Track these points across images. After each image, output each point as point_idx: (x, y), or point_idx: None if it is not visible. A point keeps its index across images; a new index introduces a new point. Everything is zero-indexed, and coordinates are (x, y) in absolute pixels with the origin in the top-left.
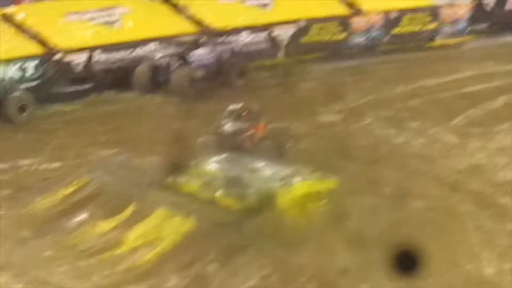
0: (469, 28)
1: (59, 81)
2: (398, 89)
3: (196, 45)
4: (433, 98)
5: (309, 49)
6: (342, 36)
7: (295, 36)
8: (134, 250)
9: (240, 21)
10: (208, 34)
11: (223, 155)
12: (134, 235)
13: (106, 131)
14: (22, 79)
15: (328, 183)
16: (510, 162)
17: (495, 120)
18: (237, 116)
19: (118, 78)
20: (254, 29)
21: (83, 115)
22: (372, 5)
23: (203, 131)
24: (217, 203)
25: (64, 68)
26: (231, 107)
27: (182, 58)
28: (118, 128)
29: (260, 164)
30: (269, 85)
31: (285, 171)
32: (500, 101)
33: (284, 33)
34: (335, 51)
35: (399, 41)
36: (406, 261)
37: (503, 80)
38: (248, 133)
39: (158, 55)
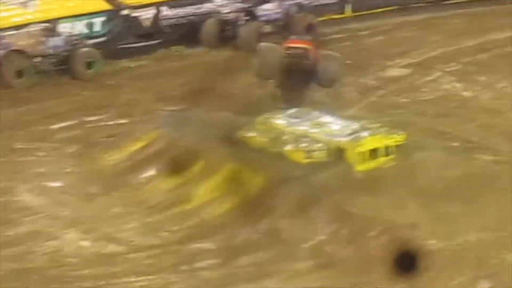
0: None
1: (126, 36)
2: (466, 43)
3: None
4: (502, 52)
5: (376, 3)
6: None
7: None
8: (203, 205)
9: None
10: None
11: (292, 110)
12: (203, 191)
13: (175, 87)
14: (89, 35)
15: (397, 138)
16: None
17: None
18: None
19: (186, 33)
20: None
21: (150, 70)
22: None
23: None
24: (286, 158)
25: (131, 24)
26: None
27: (250, 12)
28: (187, 84)
29: (328, 118)
30: (338, 40)
31: (353, 125)
32: None
33: None
34: (403, 5)
35: None
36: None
37: None
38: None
39: (226, 10)
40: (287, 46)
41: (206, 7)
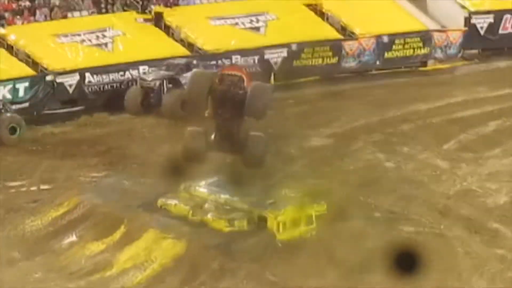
0: (461, 53)
1: (50, 102)
2: (390, 114)
3: (187, 67)
4: (424, 123)
5: (301, 72)
6: (334, 60)
7: (287, 60)
8: (124, 272)
9: (232, 44)
10: (200, 57)
11: (213, 179)
12: (124, 257)
13: (97, 153)
14: (13, 100)
15: (318, 207)
16: (501, 187)
17: (486, 145)
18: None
19: (109, 100)
20: (246, 52)
21: (74, 136)
22: (365, 30)
23: None
24: (207, 226)
25: (55, 90)
26: None
27: (174, 80)
28: (109, 151)
29: (250, 187)
30: None
31: (275, 194)
32: (491, 126)
33: (276, 57)
34: (327, 74)
35: (391, 65)
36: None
37: (495, 106)
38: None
39: (150, 77)
40: (222, 73)
41: (130, 74)
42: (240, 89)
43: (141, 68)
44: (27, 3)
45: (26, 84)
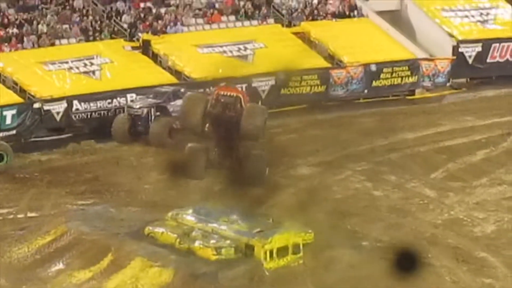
0: (449, 82)
1: (38, 130)
2: (377, 142)
3: (175, 95)
4: (412, 151)
5: (289, 100)
6: (321, 88)
7: (275, 88)
8: None
9: (219, 72)
10: (188, 85)
11: (201, 207)
12: (111, 285)
13: (84, 181)
14: (0, 128)
15: (306, 236)
16: (488, 217)
17: (474, 174)
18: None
19: (97, 127)
20: (233, 80)
21: (61, 164)
22: (352, 58)
23: None
24: (195, 254)
25: (43, 117)
26: None
27: (161, 108)
28: (96, 178)
29: (237, 216)
30: None
31: (263, 223)
32: (479, 155)
33: (263, 85)
34: (314, 103)
35: (378, 94)
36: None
37: (482, 135)
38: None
39: (137, 105)
40: (217, 92)
41: (117, 101)
42: (235, 111)
43: (128, 95)
44: (15, 30)
45: (14, 111)
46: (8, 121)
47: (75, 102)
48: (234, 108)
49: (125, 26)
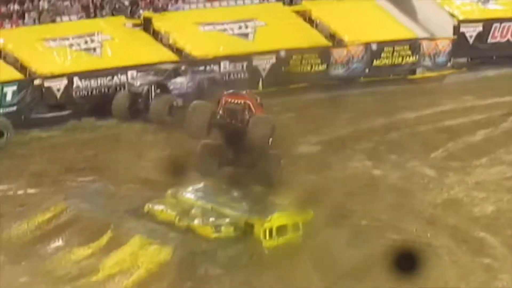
0: (450, 62)
1: (38, 106)
2: (378, 122)
3: (176, 73)
4: (412, 131)
5: (289, 79)
6: (322, 67)
7: (275, 67)
8: (110, 277)
9: (220, 50)
10: (188, 63)
11: (201, 185)
12: (110, 263)
13: (84, 158)
14: (1, 104)
15: (305, 215)
16: (488, 197)
17: (474, 154)
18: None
19: (97, 105)
20: (234, 58)
21: (61, 141)
22: (353, 37)
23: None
24: (194, 232)
25: (43, 94)
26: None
27: (162, 86)
28: (96, 155)
29: (237, 194)
30: None
31: (262, 202)
32: (479, 135)
33: (264, 63)
34: (315, 82)
35: (379, 73)
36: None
37: (483, 115)
38: (249, 101)
39: (138, 82)
40: (225, 100)
41: (118, 79)
42: (241, 121)
43: (129, 73)
44: (16, 7)
45: (14, 88)
46: (9, 97)
47: (76, 79)
48: (241, 119)
49: (126, 3)
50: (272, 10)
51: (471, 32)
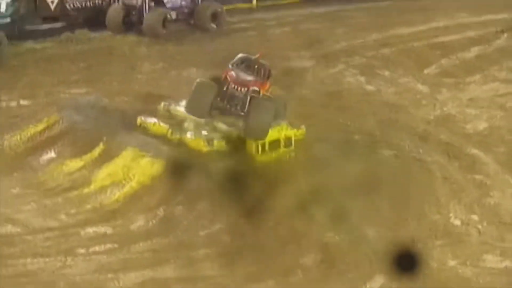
0: None
1: (32, 19)
2: (371, 37)
3: None
4: (406, 47)
5: None
6: None
7: None
8: (102, 189)
9: None
10: None
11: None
12: (102, 175)
13: (78, 70)
14: None
15: (297, 130)
16: (481, 113)
17: (467, 71)
18: (247, 66)
19: (91, 17)
20: None
21: (55, 53)
22: None
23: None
24: (186, 146)
25: (37, 6)
26: (243, 55)
27: None
28: (90, 68)
29: (231, 108)
30: (243, 29)
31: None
32: (473, 52)
33: None
34: None
35: None
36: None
37: (476, 32)
38: (254, 86)
39: None
40: (228, 83)
41: None
42: (242, 109)
43: None
44: None
45: (8, 0)
46: (3, 9)
47: None
48: (242, 105)
49: None
50: None
51: None
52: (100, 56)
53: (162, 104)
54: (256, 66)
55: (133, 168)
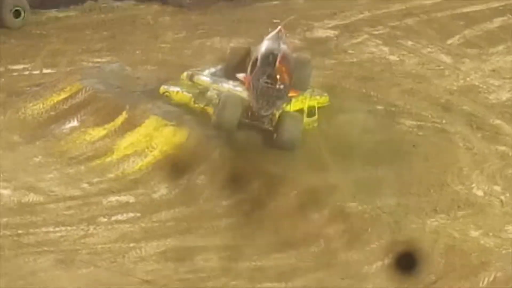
0: None
1: None
2: (394, 7)
3: None
4: (429, 17)
5: None
6: None
7: None
8: (124, 158)
9: None
10: None
11: (217, 68)
12: (124, 144)
13: (101, 39)
14: None
15: (320, 99)
16: (504, 84)
17: (490, 41)
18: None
19: None
20: None
21: (78, 22)
22: None
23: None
24: (209, 115)
25: None
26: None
27: None
28: (113, 36)
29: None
30: None
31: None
32: (496, 22)
33: None
34: None
35: None
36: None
37: (500, 2)
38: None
39: None
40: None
41: None
42: (270, 125)
43: None
44: None
45: None
46: None
47: None
48: (269, 121)
49: None
50: None
51: None
52: (123, 25)
53: (185, 73)
54: (278, 76)
55: (156, 137)
